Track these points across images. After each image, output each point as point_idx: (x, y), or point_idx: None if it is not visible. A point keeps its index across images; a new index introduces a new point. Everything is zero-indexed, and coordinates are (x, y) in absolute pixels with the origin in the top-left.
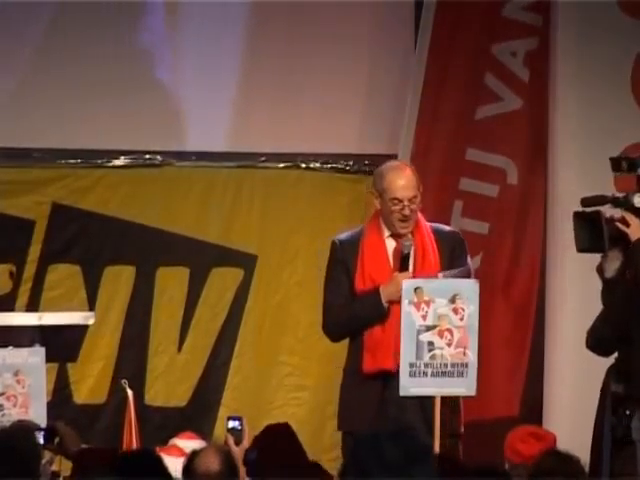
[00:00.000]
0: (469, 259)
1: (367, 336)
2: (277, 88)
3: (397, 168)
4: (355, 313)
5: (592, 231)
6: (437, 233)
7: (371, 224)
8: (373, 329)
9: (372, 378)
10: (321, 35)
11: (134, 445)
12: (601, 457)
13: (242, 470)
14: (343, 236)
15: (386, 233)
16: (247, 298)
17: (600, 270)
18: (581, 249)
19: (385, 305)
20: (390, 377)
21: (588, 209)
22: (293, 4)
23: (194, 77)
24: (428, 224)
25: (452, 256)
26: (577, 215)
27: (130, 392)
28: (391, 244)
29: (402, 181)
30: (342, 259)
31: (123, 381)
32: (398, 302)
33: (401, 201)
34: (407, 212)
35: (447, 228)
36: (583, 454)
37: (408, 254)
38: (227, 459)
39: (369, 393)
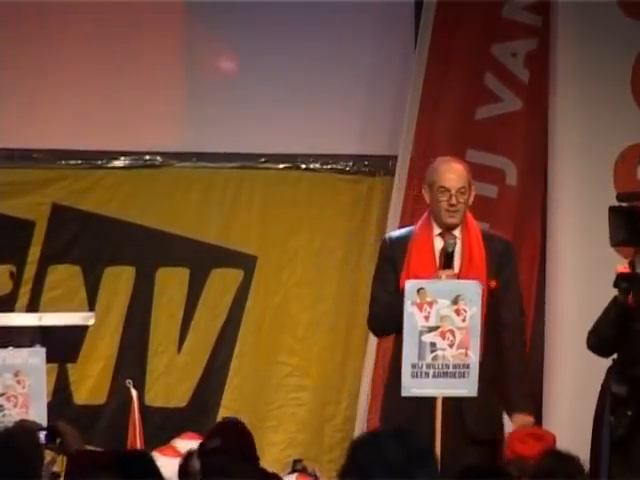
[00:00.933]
0: (517, 271)
1: None
2: (277, 88)
3: (448, 161)
4: (397, 309)
5: (627, 226)
6: (486, 238)
7: (422, 222)
8: None
9: None
10: (321, 35)
11: (138, 446)
12: (600, 457)
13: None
14: (394, 234)
15: (435, 231)
16: (247, 299)
17: (632, 265)
18: (616, 243)
19: None
20: None
21: (624, 204)
22: (293, 4)
23: (194, 77)
24: (478, 228)
25: (499, 263)
26: (613, 210)
27: (135, 392)
28: (439, 243)
29: (451, 171)
30: (390, 256)
31: (128, 381)
32: None
33: (448, 190)
34: (454, 201)
35: (498, 235)
36: (583, 454)
37: (452, 252)
38: None
39: None
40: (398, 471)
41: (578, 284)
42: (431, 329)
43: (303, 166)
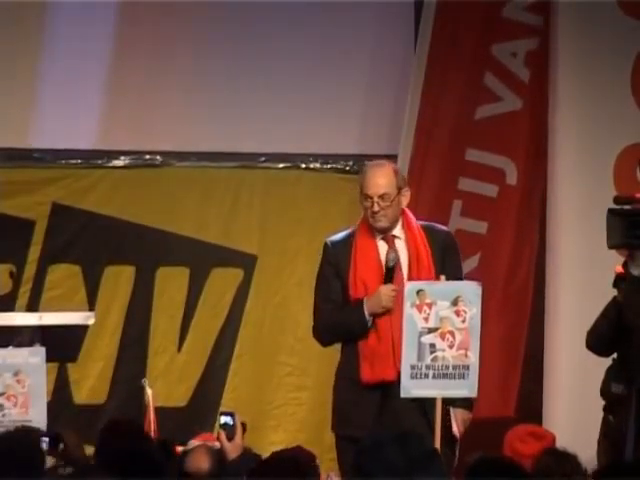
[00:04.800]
0: (461, 260)
1: (362, 345)
2: (277, 88)
3: (375, 166)
4: (340, 322)
5: (624, 228)
6: (428, 232)
7: (362, 225)
8: (368, 338)
9: (370, 387)
10: (321, 35)
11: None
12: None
13: None
14: (336, 237)
15: (379, 235)
16: (247, 298)
17: (626, 266)
18: (612, 245)
19: (368, 318)
20: (390, 386)
21: (622, 207)
22: (293, 4)
23: (194, 78)
24: (419, 223)
25: (444, 256)
26: (611, 212)
27: (149, 391)
28: (383, 246)
29: (374, 178)
30: (334, 262)
31: (143, 380)
32: (382, 314)
33: (370, 197)
34: (376, 209)
35: (439, 227)
36: (583, 453)
37: (393, 267)
38: (217, 458)
39: (367, 400)
40: (401, 475)
41: (578, 284)
42: (431, 330)
43: (303, 166)
